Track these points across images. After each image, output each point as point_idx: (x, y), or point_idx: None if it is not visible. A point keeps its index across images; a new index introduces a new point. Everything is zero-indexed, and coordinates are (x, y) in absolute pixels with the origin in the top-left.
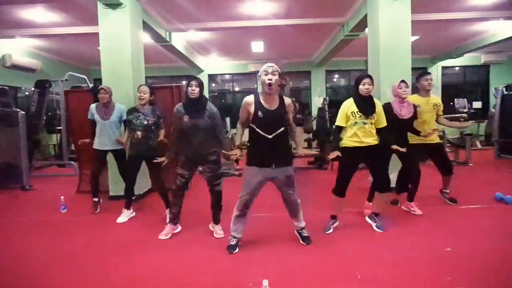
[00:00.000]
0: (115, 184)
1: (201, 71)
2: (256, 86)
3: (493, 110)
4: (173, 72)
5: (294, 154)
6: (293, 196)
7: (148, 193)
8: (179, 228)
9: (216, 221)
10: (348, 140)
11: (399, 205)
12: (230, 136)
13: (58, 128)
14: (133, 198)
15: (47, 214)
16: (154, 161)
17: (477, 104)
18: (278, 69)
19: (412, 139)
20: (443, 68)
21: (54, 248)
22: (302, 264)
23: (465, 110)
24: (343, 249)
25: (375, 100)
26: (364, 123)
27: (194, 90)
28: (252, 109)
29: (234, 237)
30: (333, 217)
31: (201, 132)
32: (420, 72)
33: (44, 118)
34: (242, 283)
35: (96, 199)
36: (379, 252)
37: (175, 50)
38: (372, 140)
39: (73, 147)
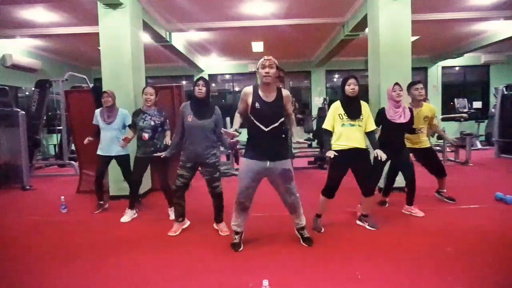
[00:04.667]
0: (115, 184)
1: (201, 71)
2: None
3: (493, 110)
4: (173, 72)
5: (294, 154)
6: (291, 190)
7: (148, 193)
8: (188, 222)
9: (219, 220)
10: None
11: (386, 205)
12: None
13: (58, 128)
14: (139, 199)
15: (47, 214)
16: (155, 154)
17: (477, 104)
18: (276, 62)
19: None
20: (443, 68)
21: (54, 248)
22: (302, 264)
23: (465, 110)
24: (343, 249)
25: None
26: (352, 125)
27: (201, 89)
28: (250, 99)
29: (236, 232)
30: (318, 216)
31: (204, 133)
32: (410, 81)
33: (44, 118)
34: (242, 283)
35: (101, 202)
36: (379, 252)
37: (175, 50)
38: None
39: (73, 147)
